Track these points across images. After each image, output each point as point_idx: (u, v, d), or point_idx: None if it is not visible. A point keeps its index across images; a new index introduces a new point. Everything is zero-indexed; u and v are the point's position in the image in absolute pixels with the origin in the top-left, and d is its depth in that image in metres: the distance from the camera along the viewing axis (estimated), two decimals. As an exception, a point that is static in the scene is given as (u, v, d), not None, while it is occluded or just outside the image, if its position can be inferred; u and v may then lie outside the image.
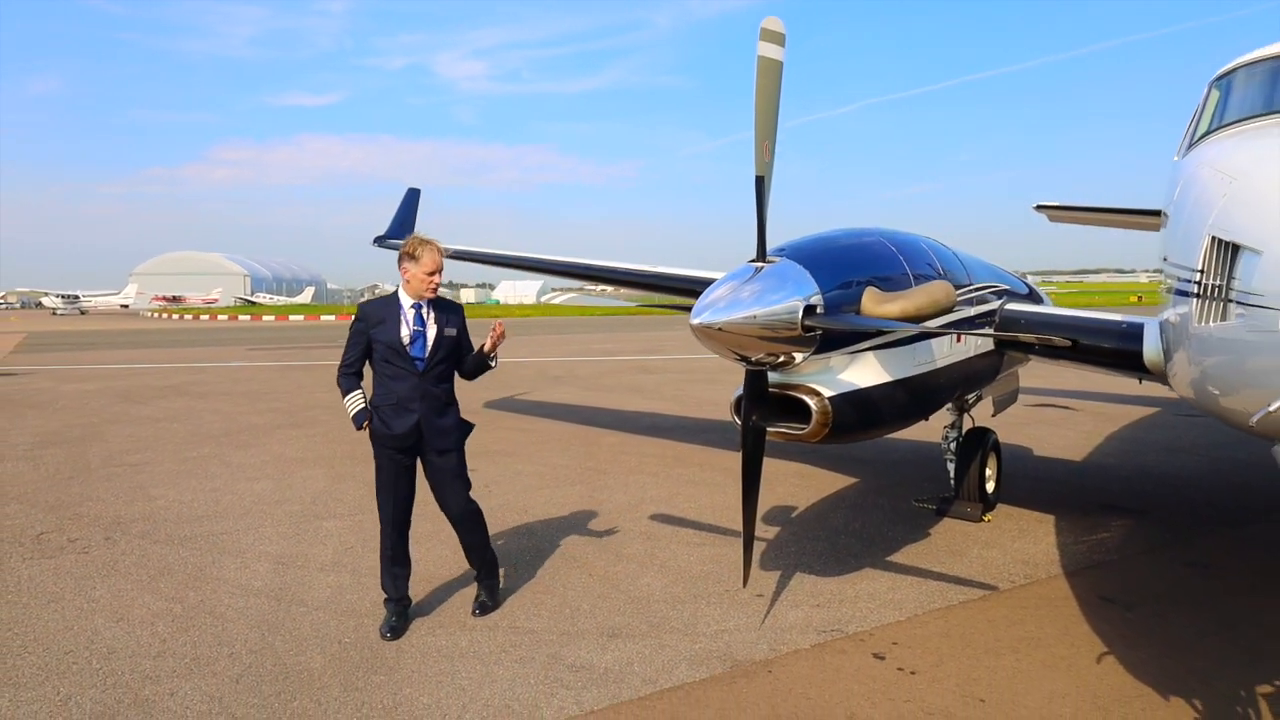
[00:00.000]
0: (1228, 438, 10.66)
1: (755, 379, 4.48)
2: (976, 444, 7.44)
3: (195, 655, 4.63)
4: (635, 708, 4.10)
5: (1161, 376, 5.03)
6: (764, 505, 7.84)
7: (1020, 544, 6.70)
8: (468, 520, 5.19)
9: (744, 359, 4.41)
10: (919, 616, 5.25)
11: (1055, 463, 9.89)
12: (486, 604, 5.25)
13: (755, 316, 4.19)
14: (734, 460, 9.70)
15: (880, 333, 4.66)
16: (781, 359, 4.43)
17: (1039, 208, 12.40)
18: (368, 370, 5.03)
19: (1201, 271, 3.22)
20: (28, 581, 5.78)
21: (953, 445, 7.56)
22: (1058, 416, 13.18)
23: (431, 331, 4.91)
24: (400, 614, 4.97)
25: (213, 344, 33.49)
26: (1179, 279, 3.64)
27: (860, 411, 4.64)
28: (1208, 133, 4.70)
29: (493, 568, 5.38)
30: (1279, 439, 3.15)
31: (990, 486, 7.62)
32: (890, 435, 5.83)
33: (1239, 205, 3.17)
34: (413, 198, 12.10)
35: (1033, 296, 7.48)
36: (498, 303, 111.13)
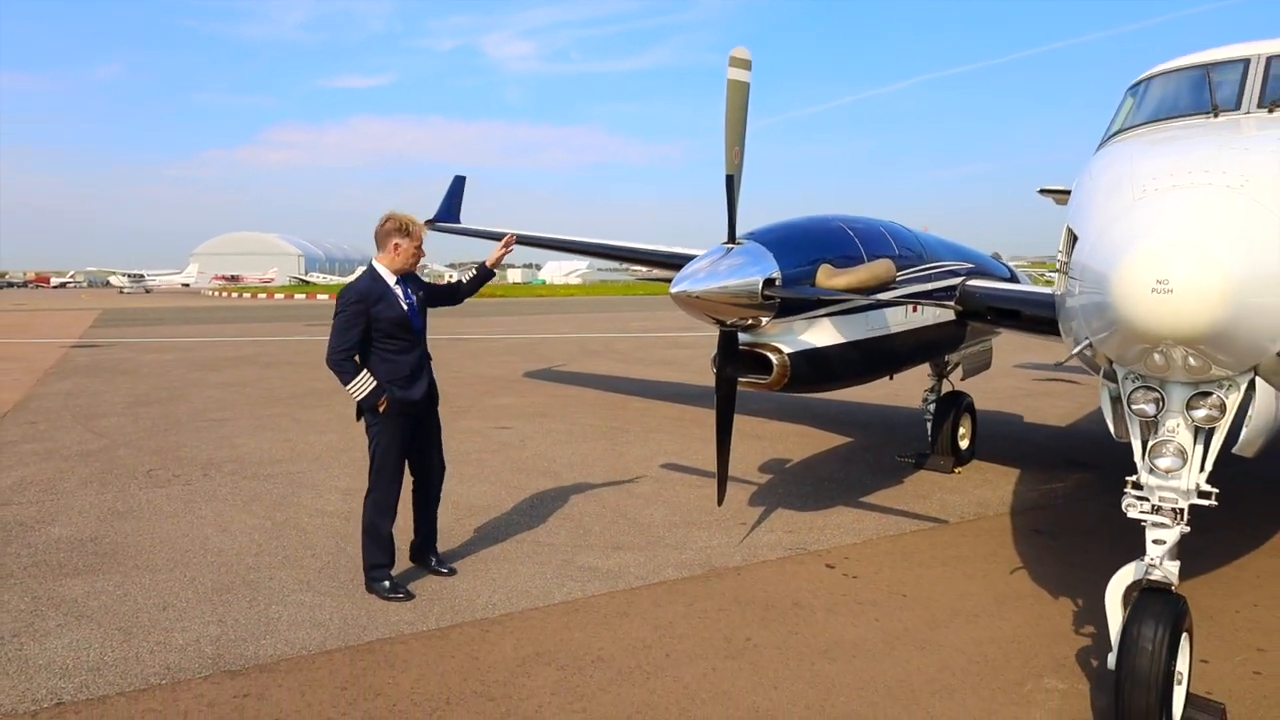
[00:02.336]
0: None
1: (728, 339, 5.54)
2: (951, 405, 8.41)
3: (286, 554, 5.88)
4: (627, 594, 5.23)
5: None
6: (763, 457, 8.94)
7: (981, 491, 7.67)
8: (440, 473, 5.56)
9: (719, 322, 5.47)
10: (872, 540, 6.30)
11: (1040, 428, 10.76)
12: (444, 560, 5.59)
13: (726, 287, 5.25)
14: (744, 422, 10.79)
15: (835, 301, 5.68)
16: (749, 322, 5.49)
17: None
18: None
19: (1061, 252, 4.19)
20: (147, 504, 7.10)
21: (931, 406, 8.54)
22: (1061, 389, 13.95)
23: (417, 303, 5.25)
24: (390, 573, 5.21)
25: (272, 320, 35.35)
26: (1058, 259, 4.60)
27: (815, 366, 5.68)
28: (1109, 137, 5.58)
29: (435, 525, 5.64)
30: (1093, 370, 4.12)
31: (964, 444, 8.58)
32: (894, 404, 6.84)
33: (1079, 202, 4.13)
34: (459, 183, 13.26)
35: (1012, 279, 8.39)
36: (544, 283, 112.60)
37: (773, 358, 5.54)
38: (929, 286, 6.69)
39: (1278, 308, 3.10)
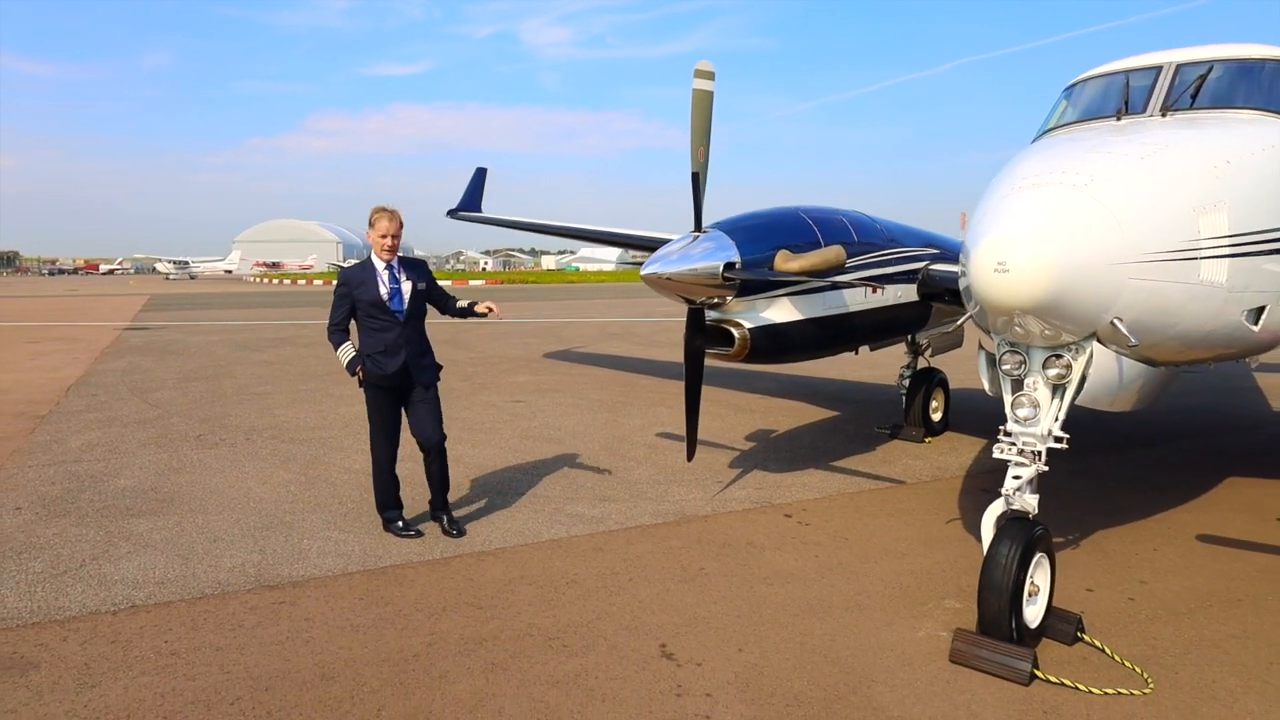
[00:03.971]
0: (1181, 386, 11.98)
1: (696, 315, 6.32)
2: (923, 380, 9.12)
3: (316, 502, 6.80)
4: (605, 535, 6.07)
5: None
6: (751, 428, 9.73)
7: (944, 458, 8.39)
8: (438, 447, 5.99)
9: (688, 301, 6.26)
10: (831, 496, 7.07)
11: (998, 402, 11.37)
12: (456, 523, 6.09)
13: (693, 270, 6.03)
14: (740, 398, 11.60)
15: (796, 282, 6.44)
16: (715, 301, 6.27)
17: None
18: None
19: (964, 241, 4.91)
20: (198, 462, 8.08)
21: (906, 381, 9.25)
22: (1055, 370, 14.47)
23: (406, 287, 5.74)
24: (401, 515, 6.03)
25: (310, 305, 36.66)
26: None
27: (773, 340, 6.44)
28: (1036, 136, 6.25)
29: (447, 488, 6.18)
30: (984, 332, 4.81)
31: (936, 416, 9.29)
32: (887, 383, 7.56)
33: (981, 194, 4.84)
34: (480, 175, 14.14)
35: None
36: (577, 269, 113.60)
37: (735, 332, 6.32)
38: (890, 270, 7.41)
39: (1101, 286, 3.83)
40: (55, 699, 3.78)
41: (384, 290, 5.69)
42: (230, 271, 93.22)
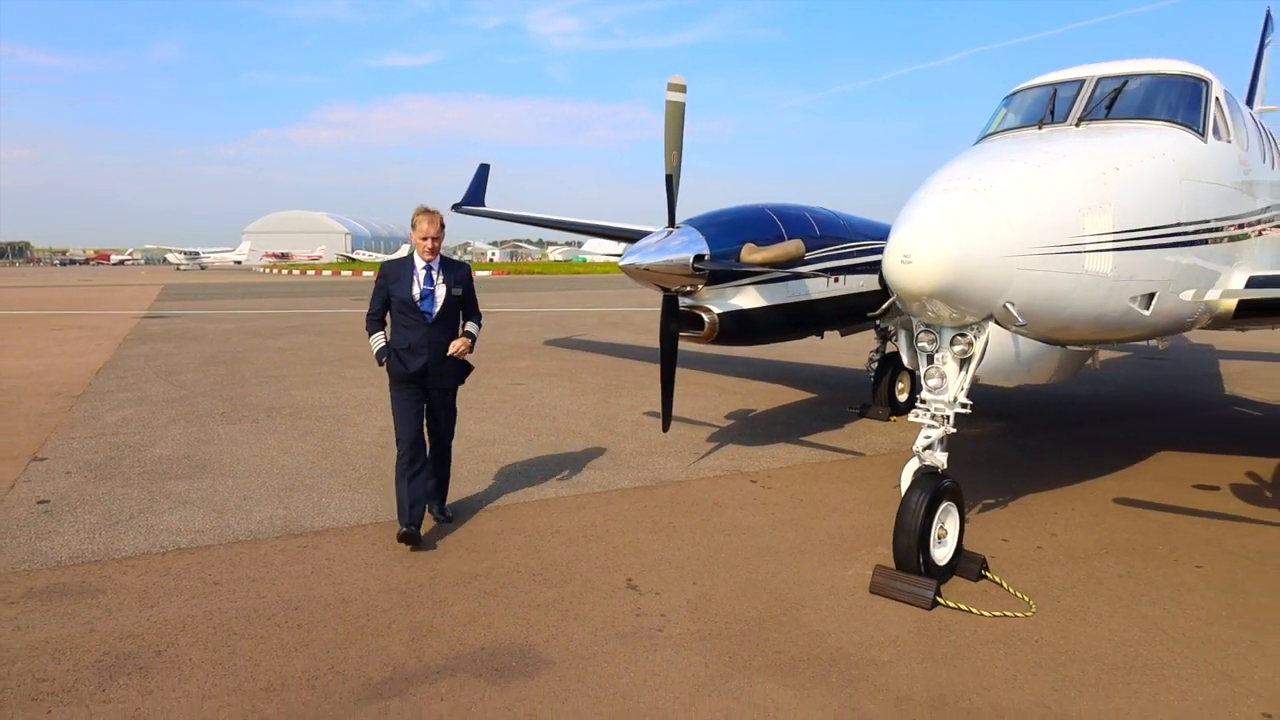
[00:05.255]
0: (1146, 373, 12.70)
1: (670, 302, 7.09)
2: (889, 363, 9.88)
3: (333, 468, 7.61)
4: (589, 496, 6.86)
5: None
6: (732, 408, 10.50)
7: (905, 434, 9.14)
8: (446, 441, 6.13)
9: (663, 289, 7.03)
10: (795, 465, 7.84)
11: (988, 388, 12.10)
12: (446, 513, 6.19)
13: (668, 261, 6.80)
14: (725, 381, 12.38)
15: (761, 272, 7.19)
16: (688, 289, 7.04)
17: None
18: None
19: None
20: (224, 435, 8.90)
21: (874, 364, 10.01)
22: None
23: (440, 291, 5.70)
24: (417, 524, 5.67)
25: (320, 295, 37.56)
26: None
27: (740, 324, 7.20)
28: (976, 140, 6.97)
29: (445, 489, 6.25)
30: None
31: (903, 397, 10.05)
32: (861, 368, 8.26)
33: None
34: (484, 171, 14.90)
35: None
36: (584, 260, 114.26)
37: (705, 316, 7.09)
38: (851, 261, 8.15)
39: (993, 275, 4.57)
40: (123, 614, 4.59)
41: (416, 290, 5.66)
42: (240, 262, 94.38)
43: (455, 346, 5.84)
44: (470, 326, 6.07)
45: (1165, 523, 6.29)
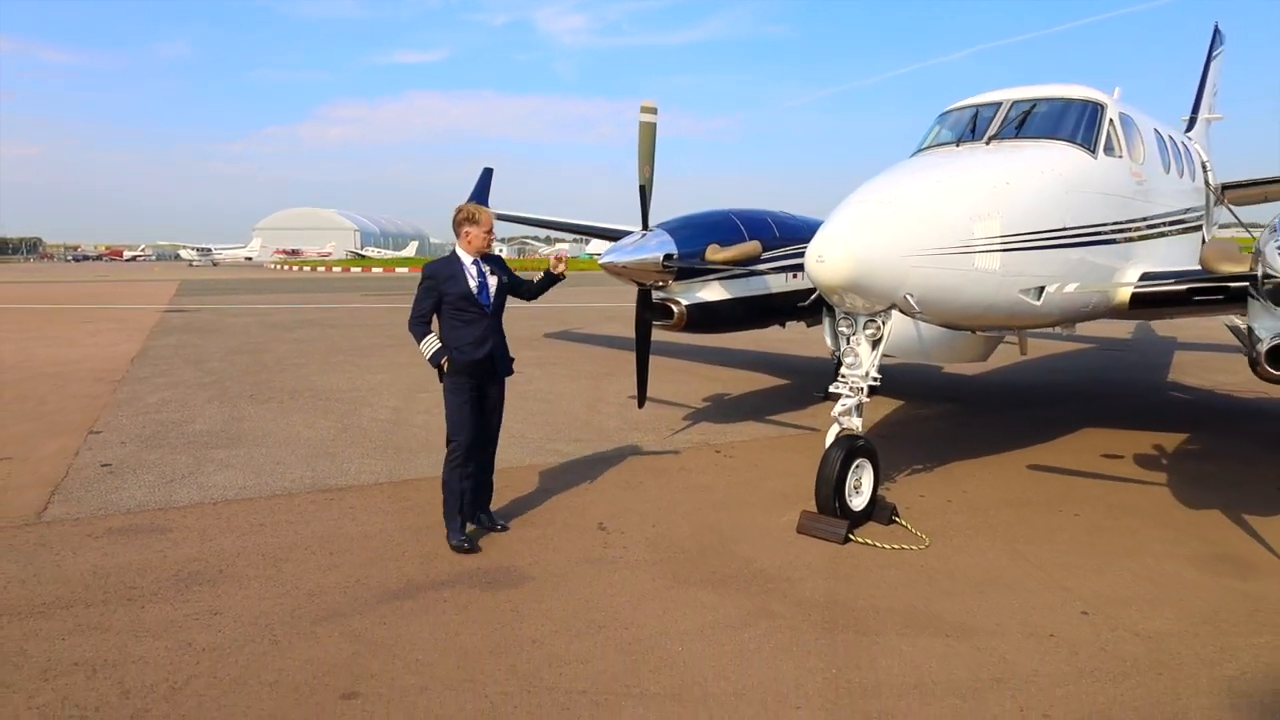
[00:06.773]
0: (1104, 362, 13.73)
1: (644, 294, 8.17)
2: (851, 352, 10.92)
3: (352, 440, 8.72)
4: (573, 463, 7.95)
5: None
6: (709, 392, 11.57)
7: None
8: (495, 440, 6.27)
9: (639, 284, 8.11)
10: (757, 439, 8.92)
11: (953, 377, 13.17)
12: (500, 523, 6.14)
13: (641, 260, 7.88)
14: (704, 368, 13.45)
15: (725, 268, 8.25)
16: (660, 284, 8.11)
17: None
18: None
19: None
20: (254, 413, 10.02)
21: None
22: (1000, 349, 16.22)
23: (492, 282, 5.91)
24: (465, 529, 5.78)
25: (331, 290, 38.77)
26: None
27: (705, 314, 8.26)
28: (912, 154, 8.00)
29: (491, 491, 6.26)
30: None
31: (864, 382, 11.07)
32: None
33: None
34: (487, 176, 15.93)
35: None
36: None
37: (675, 307, 8.17)
38: (808, 259, 9.18)
39: (892, 272, 5.62)
40: (188, 545, 5.70)
41: (473, 284, 5.78)
42: (251, 259, 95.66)
43: (557, 264, 6.25)
44: (536, 276, 6.38)
45: (1068, 484, 7.32)
